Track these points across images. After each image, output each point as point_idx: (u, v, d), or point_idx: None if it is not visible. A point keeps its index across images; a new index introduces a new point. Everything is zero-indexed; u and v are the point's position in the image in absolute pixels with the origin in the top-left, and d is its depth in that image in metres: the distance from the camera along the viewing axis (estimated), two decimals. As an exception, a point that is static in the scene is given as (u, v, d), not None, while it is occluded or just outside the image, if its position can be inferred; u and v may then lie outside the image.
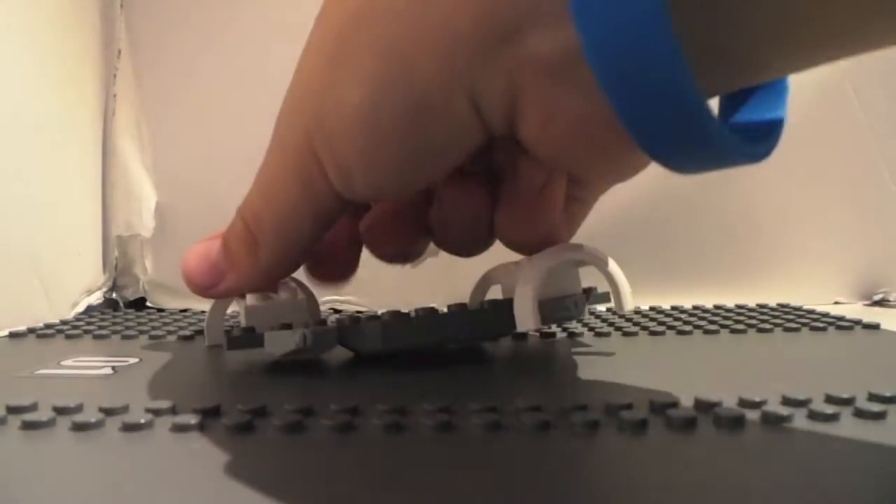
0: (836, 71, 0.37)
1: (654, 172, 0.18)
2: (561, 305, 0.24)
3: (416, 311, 0.23)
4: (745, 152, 0.16)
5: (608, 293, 0.26)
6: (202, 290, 0.24)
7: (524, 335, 0.28)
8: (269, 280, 0.24)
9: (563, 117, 0.17)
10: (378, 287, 0.38)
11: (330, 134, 0.19)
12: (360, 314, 0.26)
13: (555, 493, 0.13)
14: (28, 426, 0.16)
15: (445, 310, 0.27)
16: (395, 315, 0.23)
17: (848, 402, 0.18)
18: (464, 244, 0.24)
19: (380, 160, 0.18)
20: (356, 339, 0.23)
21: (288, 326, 0.23)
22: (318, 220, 0.21)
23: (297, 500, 0.13)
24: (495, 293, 0.28)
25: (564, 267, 0.24)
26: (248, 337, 0.23)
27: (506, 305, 0.22)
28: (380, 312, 0.28)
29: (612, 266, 0.24)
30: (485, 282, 0.28)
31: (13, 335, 0.30)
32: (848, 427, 0.16)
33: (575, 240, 0.34)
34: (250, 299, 0.23)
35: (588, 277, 0.26)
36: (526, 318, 0.22)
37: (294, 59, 0.39)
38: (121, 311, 0.39)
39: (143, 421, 0.17)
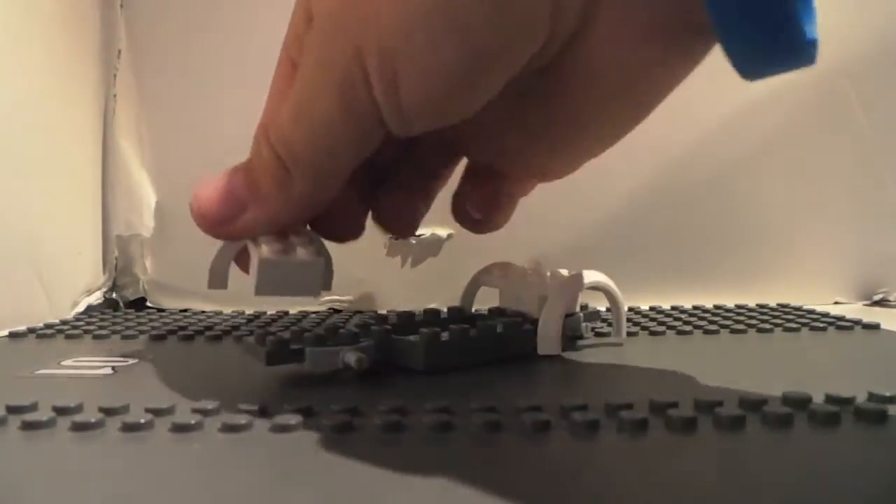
0: (837, 71, 0.37)
1: (653, 173, 0.18)
2: (572, 323, 0.26)
3: (451, 327, 0.23)
4: (810, 50, 0.16)
5: (597, 311, 0.28)
6: (217, 223, 0.21)
7: None
8: (298, 217, 0.22)
9: (641, 14, 0.17)
10: (378, 287, 0.38)
11: (388, 40, 0.17)
12: (385, 322, 0.26)
13: (554, 493, 0.13)
14: (28, 426, 0.16)
15: (445, 311, 0.27)
16: (434, 335, 0.23)
17: (848, 401, 0.18)
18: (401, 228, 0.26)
19: (439, 63, 0.18)
20: (398, 357, 0.23)
21: (324, 342, 0.22)
22: (356, 150, 0.20)
23: (296, 499, 0.13)
24: (486, 294, 0.28)
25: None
26: (287, 352, 0.21)
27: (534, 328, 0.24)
28: (386, 312, 0.28)
29: (619, 295, 0.26)
30: (474, 284, 0.28)
31: (13, 335, 0.30)
32: (848, 427, 0.16)
33: (573, 241, 0.35)
34: (266, 251, 0.21)
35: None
36: (550, 345, 0.24)
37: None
38: (121, 310, 0.39)
39: (142, 421, 0.17)
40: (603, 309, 0.29)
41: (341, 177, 0.21)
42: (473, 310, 0.28)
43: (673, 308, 0.36)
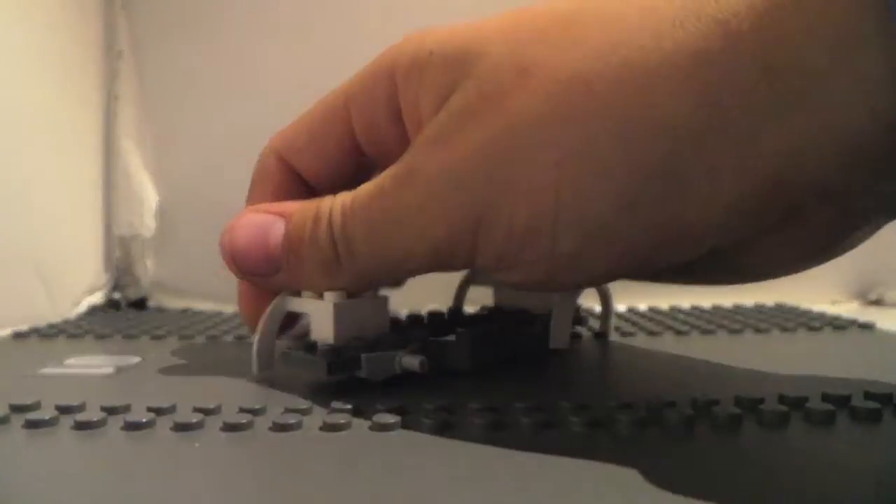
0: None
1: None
2: (575, 318, 0.27)
3: (488, 325, 0.24)
4: None
5: (585, 316, 0.30)
6: (248, 276, 0.21)
7: None
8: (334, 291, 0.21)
9: (806, 243, 0.18)
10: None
11: (519, 230, 0.16)
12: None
13: (553, 492, 0.13)
14: (31, 425, 0.17)
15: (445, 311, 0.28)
16: (476, 332, 0.23)
17: (844, 401, 0.18)
18: None
19: (572, 265, 0.17)
20: (442, 356, 0.22)
21: (374, 347, 0.21)
22: (424, 271, 0.19)
23: (297, 498, 0.13)
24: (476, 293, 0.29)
25: None
26: (345, 360, 0.20)
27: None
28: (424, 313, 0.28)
29: (609, 290, 0.28)
30: (466, 283, 0.29)
31: (16, 335, 0.30)
32: (844, 426, 0.17)
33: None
34: (334, 297, 0.20)
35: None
36: (561, 339, 0.24)
37: (294, 60, 0.40)
38: (122, 310, 0.39)
39: (144, 420, 0.17)
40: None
41: (395, 283, 0.20)
42: (481, 308, 0.29)
43: (671, 308, 0.36)
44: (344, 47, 0.41)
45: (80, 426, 0.17)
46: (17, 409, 0.18)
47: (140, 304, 0.40)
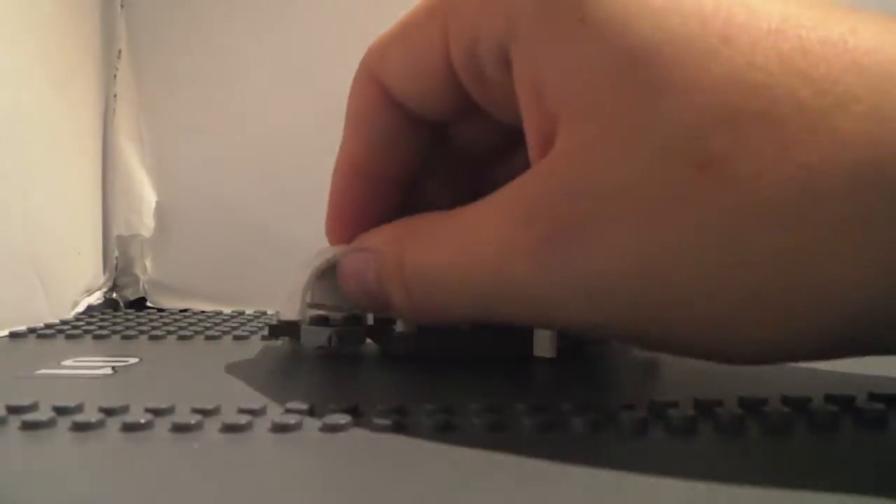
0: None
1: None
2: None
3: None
4: None
5: None
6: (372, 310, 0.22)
7: None
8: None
9: None
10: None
11: None
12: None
13: (554, 494, 0.13)
14: (28, 426, 0.16)
15: None
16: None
17: (848, 402, 0.18)
18: None
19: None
20: (390, 341, 0.23)
21: (323, 321, 0.23)
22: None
23: (296, 499, 0.13)
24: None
25: None
26: (289, 328, 0.23)
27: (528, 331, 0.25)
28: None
29: None
30: None
31: (13, 335, 0.30)
32: (848, 428, 0.16)
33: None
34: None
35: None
36: (545, 347, 0.25)
37: (293, 60, 0.40)
38: (121, 311, 0.39)
39: (143, 421, 0.16)
40: None
41: None
42: None
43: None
44: (342, 47, 0.41)
45: (78, 427, 0.16)
46: (14, 410, 0.17)
47: (139, 304, 0.40)
